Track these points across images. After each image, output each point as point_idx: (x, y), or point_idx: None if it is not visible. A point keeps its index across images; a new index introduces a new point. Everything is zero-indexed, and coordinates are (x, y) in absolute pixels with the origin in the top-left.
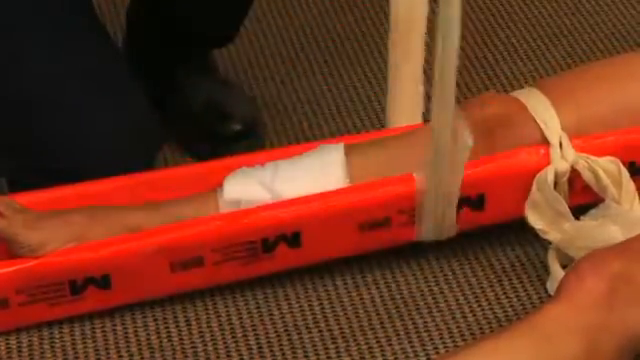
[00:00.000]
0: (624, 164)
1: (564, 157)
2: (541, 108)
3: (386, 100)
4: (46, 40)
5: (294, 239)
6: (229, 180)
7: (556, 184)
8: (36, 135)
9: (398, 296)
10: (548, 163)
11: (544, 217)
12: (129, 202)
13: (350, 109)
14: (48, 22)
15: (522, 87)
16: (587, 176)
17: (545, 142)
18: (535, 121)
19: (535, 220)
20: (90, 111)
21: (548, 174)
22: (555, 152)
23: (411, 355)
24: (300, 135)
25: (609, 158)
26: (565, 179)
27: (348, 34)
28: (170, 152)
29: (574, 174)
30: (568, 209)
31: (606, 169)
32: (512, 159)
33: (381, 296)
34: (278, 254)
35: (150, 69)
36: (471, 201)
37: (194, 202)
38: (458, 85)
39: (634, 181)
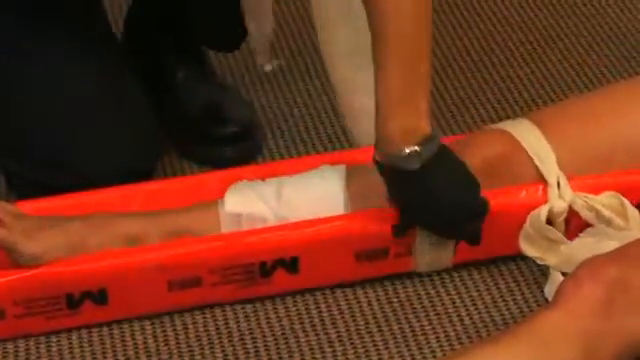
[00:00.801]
0: None
1: (562, 197)
2: (538, 147)
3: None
4: (46, 40)
5: (292, 264)
6: (231, 192)
7: (553, 223)
8: (35, 135)
9: (395, 299)
10: (545, 201)
11: (539, 247)
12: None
13: None
14: (48, 22)
15: (518, 90)
16: (586, 214)
17: (543, 180)
18: (533, 161)
19: (531, 251)
20: (90, 111)
21: (542, 212)
22: (553, 192)
23: (408, 359)
24: (296, 138)
25: (608, 193)
26: (562, 219)
27: None
28: (167, 156)
29: (570, 214)
30: (562, 235)
31: (606, 204)
32: (509, 196)
33: (378, 299)
34: (275, 279)
35: (147, 72)
36: None
37: (195, 212)
38: (455, 89)
39: None
